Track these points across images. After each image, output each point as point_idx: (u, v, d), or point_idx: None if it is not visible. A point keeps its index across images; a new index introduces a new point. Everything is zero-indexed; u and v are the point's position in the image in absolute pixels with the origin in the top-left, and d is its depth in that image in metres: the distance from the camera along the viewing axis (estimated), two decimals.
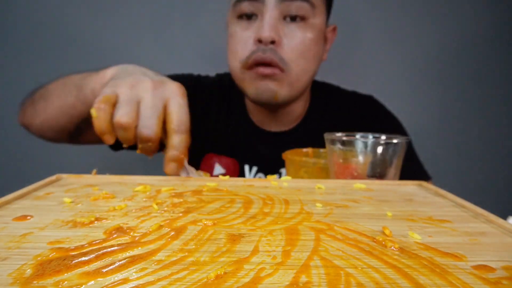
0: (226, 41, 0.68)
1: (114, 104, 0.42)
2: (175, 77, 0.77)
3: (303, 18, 0.61)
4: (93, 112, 0.42)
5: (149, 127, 0.41)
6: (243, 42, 0.62)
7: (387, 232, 0.26)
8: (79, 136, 0.63)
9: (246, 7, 0.60)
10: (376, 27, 1.07)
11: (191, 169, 0.44)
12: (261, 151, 0.72)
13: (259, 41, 0.59)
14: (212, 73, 0.82)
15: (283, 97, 0.64)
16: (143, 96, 0.42)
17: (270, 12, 0.58)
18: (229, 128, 0.74)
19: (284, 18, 0.60)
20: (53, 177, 0.40)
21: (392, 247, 0.24)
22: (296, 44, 0.61)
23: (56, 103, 0.57)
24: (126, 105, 0.41)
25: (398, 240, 0.25)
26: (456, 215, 0.32)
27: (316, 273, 0.20)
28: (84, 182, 0.40)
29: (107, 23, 1.02)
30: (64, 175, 0.41)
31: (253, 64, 0.61)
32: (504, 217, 0.30)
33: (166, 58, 1.04)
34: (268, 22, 0.58)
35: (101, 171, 0.44)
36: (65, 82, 0.57)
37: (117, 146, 0.70)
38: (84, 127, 0.58)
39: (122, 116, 0.41)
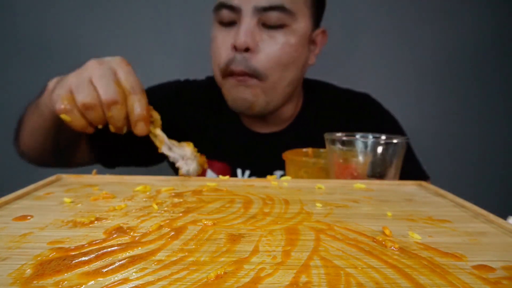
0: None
1: (74, 99, 0.44)
2: (161, 85, 0.76)
3: (282, 26, 0.60)
4: (64, 117, 0.44)
5: (109, 92, 0.43)
6: (221, 48, 0.62)
7: (387, 232, 0.26)
8: (66, 158, 0.64)
9: (225, 14, 0.60)
10: (375, 28, 1.07)
11: (173, 142, 0.45)
12: (253, 153, 0.71)
13: (235, 47, 0.59)
14: (211, 74, 0.82)
15: (260, 107, 0.63)
16: (92, 74, 0.44)
17: (247, 19, 0.58)
18: (220, 131, 0.73)
19: (263, 25, 0.60)
20: (53, 177, 0.40)
21: (392, 247, 0.24)
22: (273, 51, 0.60)
23: (27, 129, 0.58)
24: (82, 89, 0.43)
25: (398, 240, 0.25)
26: (456, 215, 0.32)
27: (316, 273, 0.20)
28: (84, 182, 0.40)
29: (107, 23, 1.02)
30: (64, 175, 0.41)
31: (230, 73, 0.61)
32: (504, 217, 0.30)
33: (166, 58, 1.04)
34: (243, 29, 0.58)
35: (101, 171, 0.44)
36: (30, 106, 0.58)
37: (112, 163, 0.71)
38: (63, 143, 0.59)
39: (84, 98, 0.43)
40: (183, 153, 0.44)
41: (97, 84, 0.43)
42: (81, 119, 0.45)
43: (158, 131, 0.45)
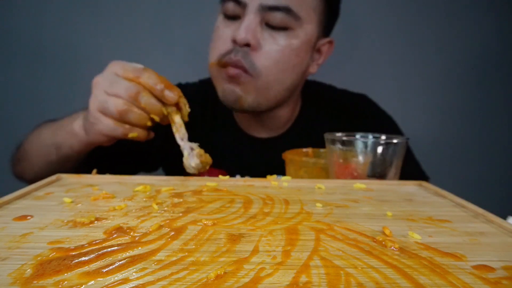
0: None
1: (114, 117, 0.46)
2: None
3: (285, 28, 0.59)
4: (131, 135, 0.47)
5: (126, 88, 0.45)
6: (222, 39, 0.61)
7: (387, 232, 0.26)
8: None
9: (230, 7, 0.60)
10: (377, 30, 1.07)
11: (186, 136, 0.46)
12: (251, 159, 0.70)
13: (235, 41, 0.58)
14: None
15: (249, 103, 0.61)
16: (103, 87, 0.47)
17: (250, 16, 0.58)
18: (216, 137, 0.71)
19: (266, 24, 0.59)
20: (53, 177, 0.40)
21: (392, 247, 0.24)
22: (273, 52, 0.59)
23: (39, 164, 0.58)
24: (106, 103, 0.46)
25: (398, 240, 0.25)
26: (456, 215, 0.32)
27: (316, 273, 0.20)
28: (84, 182, 0.40)
29: (107, 25, 1.02)
30: (64, 175, 0.41)
31: (225, 64, 0.60)
32: (504, 217, 0.30)
33: (166, 58, 1.04)
34: (245, 25, 0.57)
35: (101, 171, 0.44)
36: (40, 142, 0.58)
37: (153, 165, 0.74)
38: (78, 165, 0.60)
39: (114, 107, 0.45)
40: (192, 146, 0.45)
41: (112, 91, 0.46)
42: (141, 130, 0.48)
43: (178, 119, 0.46)
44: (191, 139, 0.47)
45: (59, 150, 0.55)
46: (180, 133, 0.46)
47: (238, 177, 0.68)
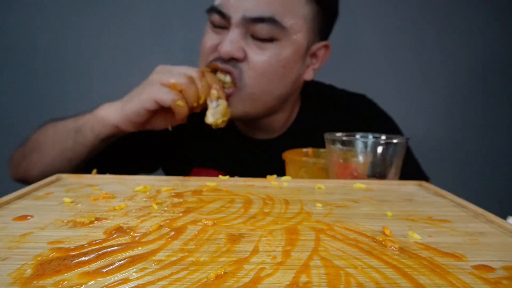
0: None
1: (175, 86, 0.52)
2: None
3: (272, 39, 0.58)
4: (179, 102, 0.52)
5: (185, 71, 0.54)
6: (210, 47, 0.61)
7: (387, 232, 0.26)
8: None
9: (216, 19, 0.59)
10: (376, 30, 1.07)
11: (219, 102, 0.54)
12: (250, 161, 0.69)
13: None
14: None
15: (236, 114, 0.61)
16: (159, 79, 0.53)
17: (234, 29, 0.57)
18: (214, 139, 0.70)
19: (252, 36, 0.58)
20: (53, 177, 0.40)
21: (392, 247, 0.24)
22: (260, 63, 0.58)
23: (53, 152, 0.58)
24: (172, 75, 0.53)
25: (398, 240, 0.25)
26: (456, 215, 0.32)
27: (316, 273, 0.20)
28: (84, 182, 0.40)
29: (107, 25, 1.02)
30: (64, 175, 0.41)
31: (214, 67, 0.59)
32: (504, 217, 0.30)
33: (166, 59, 1.04)
34: (229, 38, 0.57)
35: (101, 171, 0.44)
36: (56, 130, 0.59)
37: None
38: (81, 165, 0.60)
39: (181, 78, 0.52)
40: (219, 103, 0.54)
41: (178, 70, 0.53)
42: (185, 106, 0.52)
43: (215, 86, 0.55)
44: (189, 140, 0.47)
45: (77, 134, 0.56)
46: (213, 94, 0.54)
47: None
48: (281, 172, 0.57)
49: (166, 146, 0.62)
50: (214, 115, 0.54)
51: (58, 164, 0.58)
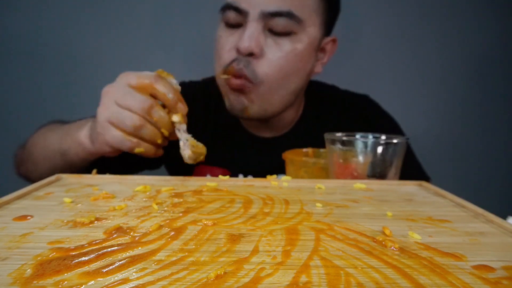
0: None
1: (126, 131, 0.46)
2: None
3: (289, 33, 0.58)
4: (137, 150, 0.47)
5: (138, 100, 0.45)
6: (225, 49, 0.60)
7: (387, 232, 0.26)
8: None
9: (231, 16, 0.59)
10: (378, 29, 1.07)
11: (184, 128, 0.47)
12: (254, 158, 0.70)
13: (238, 50, 0.58)
14: (211, 75, 0.82)
15: (254, 112, 0.62)
16: (114, 98, 0.45)
17: (252, 24, 0.57)
18: (219, 136, 0.71)
19: (269, 30, 0.58)
20: (53, 177, 0.40)
21: (392, 247, 0.24)
22: (276, 58, 0.58)
23: (44, 167, 0.58)
24: (121, 117, 0.45)
25: (398, 240, 0.25)
26: (456, 215, 0.32)
27: (316, 273, 0.20)
28: (84, 182, 0.40)
29: (107, 25, 1.02)
30: (64, 175, 0.41)
31: (229, 73, 0.59)
32: (504, 217, 0.30)
33: (166, 59, 1.04)
34: (248, 34, 0.57)
35: (101, 171, 0.44)
36: (46, 147, 0.58)
37: (157, 163, 0.73)
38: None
39: (130, 122, 0.45)
40: (186, 137, 0.47)
41: (125, 104, 0.45)
42: (150, 146, 0.47)
43: (175, 117, 0.47)
44: (194, 137, 0.47)
45: (64, 157, 0.55)
46: (180, 127, 0.47)
47: (241, 176, 0.69)
48: (285, 170, 0.57)
49: (170, 142, 0.62)
50: (187, 153, 0.47)
51: (53, 173, 0.59)
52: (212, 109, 0.73)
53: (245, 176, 0.69)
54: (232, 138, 0.71)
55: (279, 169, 0.57)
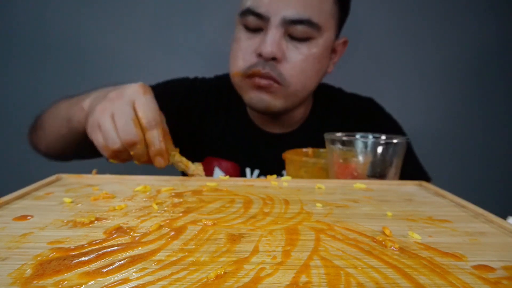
0: (227, 43, 0.67)
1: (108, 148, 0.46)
2: (170, 82, 0.77)
3: (307, 39, 0.61)
4: (112, 161, 0.47)
5: (128, 133, 0.43)
6: (245, 52, 0.62)
7: (387, 232, 0.26)
8: (84, 154, 0.66)
9: (251, 21, 0.60)
10: (376, 29, 1.07)
11: (183, 162, 0.47)
12: (262, 153, 0.72)
13: (260, 55, 0.59)
14: (211, 74, 0.82)
15: (277, 108, 0.64)
16: (113, 111, 0.45)
17: (274, 30, 0.59)
18: (229, 130, 0.73)
19: (289, 36, 0.61)
20: (53, 177, 0.40)
21: (392, 247, 0.24)
22: (298, 62, 0.61)
23: (52, 134, 0.61)
24: (108, 135, 0.44)
25: (398, 240, 0.25)
26: (456, 215, 0.32)
27: (316, 273, 0.20)
28: (84, 182, 0.40)
29: (107, 25, 1.02)
30: (64, 175, 0.41)
31: (253, 75, 0.62)
32: (504, 217, 0.30)
33: (166, 59, 1.04)
34: (271, 39, 0.58)
35: (101, 171, 0.44)
36: (56, 114, 0.61)
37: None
38: (84, 146, 0.60)
39: (112, 145, 0.44)
40: (190, 166, 0.47)
41: (118, 124, 0.44)
42: (123, 160, 0.48)
43: (178, 158, 0.47)
44: (204, 129, 0.47)
45: (69, 123, 0.56)
46: (182, 165, 0.47)
47: (248, 170, 0.71)
48: None
49: (180, 133, 0.63)
50: (191, 173, 0.47)
51: (58, 144, 0.62)
52: (223, 104, 0.75)
53: (252, 170, 0.71)
54: (241, 132, 0.73)
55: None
